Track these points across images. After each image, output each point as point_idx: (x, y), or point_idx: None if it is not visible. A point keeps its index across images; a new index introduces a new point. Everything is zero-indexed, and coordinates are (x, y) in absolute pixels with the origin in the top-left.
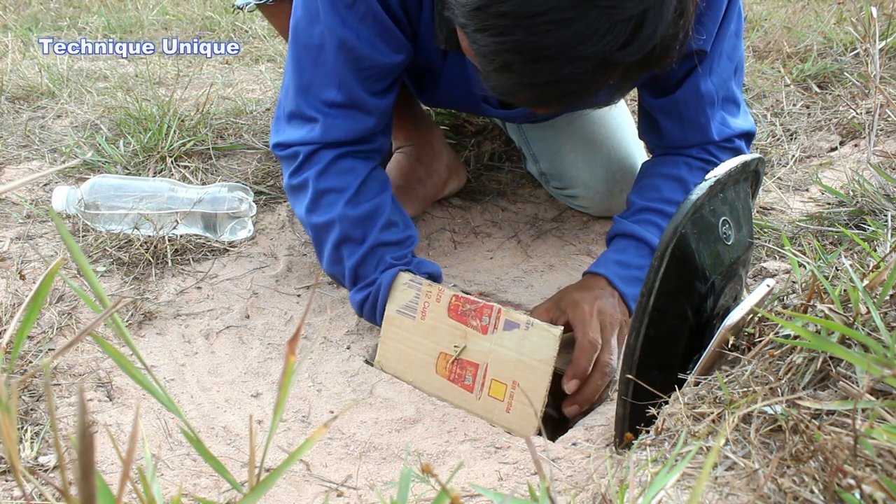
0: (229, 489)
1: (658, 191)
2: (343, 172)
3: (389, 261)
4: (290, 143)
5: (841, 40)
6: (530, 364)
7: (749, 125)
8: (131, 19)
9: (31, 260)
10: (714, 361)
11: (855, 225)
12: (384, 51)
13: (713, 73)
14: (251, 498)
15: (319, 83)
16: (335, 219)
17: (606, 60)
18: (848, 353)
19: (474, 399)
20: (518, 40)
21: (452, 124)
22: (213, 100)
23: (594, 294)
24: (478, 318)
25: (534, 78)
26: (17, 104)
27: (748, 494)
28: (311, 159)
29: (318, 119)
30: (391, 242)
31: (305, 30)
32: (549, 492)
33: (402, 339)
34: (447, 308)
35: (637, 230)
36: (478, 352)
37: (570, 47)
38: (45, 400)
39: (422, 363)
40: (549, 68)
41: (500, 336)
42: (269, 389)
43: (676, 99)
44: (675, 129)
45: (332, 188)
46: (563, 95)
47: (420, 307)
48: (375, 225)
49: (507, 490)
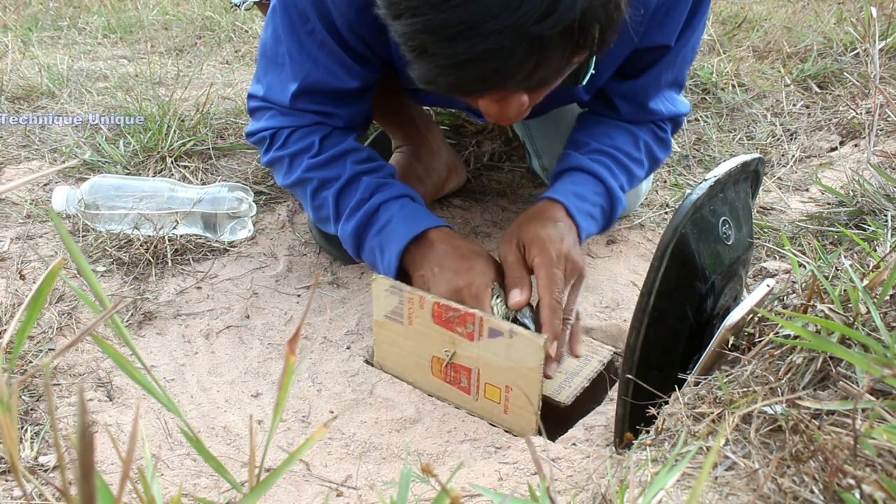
0: (229, 489)
1: (612, 139)
2: (304, 136)
3: (368, 181)
4: (256, 130)
5: (841, 40)
6: (520, 371)
7: (686, 107)
8: (131, 19)
9: (31, 260)
10: (714, 361)
11: (855, 225)
12: (342, 77)
13: (675, 64)
14: (251, 498)
15: (282, 90)
16: (306, 169)
17: (524, 34)
18: (848, 353)
19: (472, 400)
20: (429, 20)
21: (452, 124)
22: (213, 100)
23: (559, 232)
24: (462, 325)
25: (451, 58)
26: (17, 104)
27: (748, 494)
28: (275, 138)
29: (282, 114)
30: (367, 171)
31: (272, 48)
32: (549, 492)
33: (394, 343)
34: (431, 314)
35: (595, 168)
36: (468, 357)
37: (483, 21)
38: (45, 400)
39: (417, 365)
40: (463, 46)
41: (487, 343)
42: (269, 389)
43: (637, 85)
44: (631, 111)
45: (297, 151)
46: (484, 75)
47: (406, 312)
48: (346, 161)
49: (507, 490)
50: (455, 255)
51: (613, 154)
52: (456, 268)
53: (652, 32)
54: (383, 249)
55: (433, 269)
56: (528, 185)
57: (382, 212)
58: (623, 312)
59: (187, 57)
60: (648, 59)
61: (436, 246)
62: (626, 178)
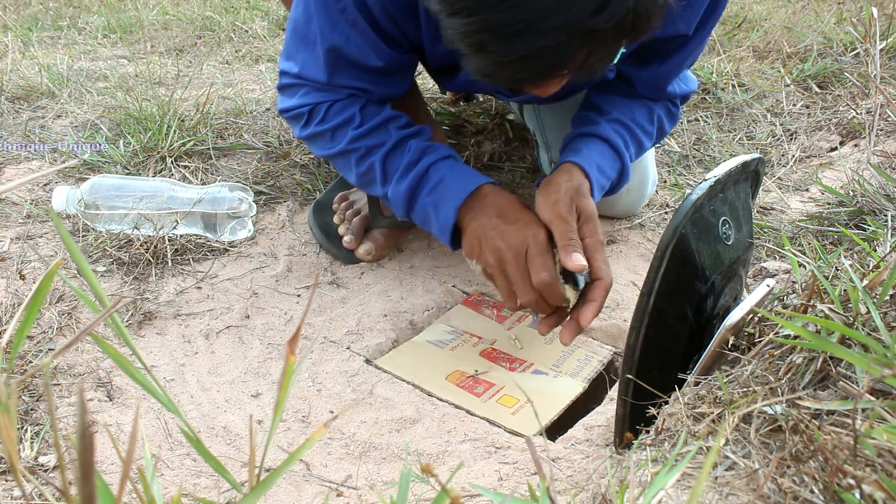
0: (229, 489)
1: (631, 111)
2: (343, 109)
3: (416, 144)
4: (292, 107)
5: (841, 40)
6: (549, 394)
7: (695, 83)
8: (131, 19)
9: (31, 260)
10: (714, 361)
11: (855, 225)
12: (371, 56)
13: (695, 51)
14: (251, 498)
15: (318, 67)
16: (350, 140)
17: (579, 29)
18: (848, 353)
19: (479, 402)
20: (486, 19)
21: (452, 124)
22: (213, 100)
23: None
24: (508, 363)
25: (508, 55)
26: (17, 104)
27: (748, 494)
28: (314, 113)
29: (316, 90)
30: (412, 135)
31: (304, 25)
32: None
33: (416, 356)
34: (479, 352)
35: (618, 143)
36: (499, 378)
37: (539, 20)
38: (45, 400)
39: (434, 373)
40: (521, 44)
41: (527, 377)
42: (269, 389)
43: (658, 73)
44: (649, 92)
45: (339, 123)
46: (541, 70)
47: (452, 345)
48: (389, 128)
49: (507, 490)
50: (512, 208)
51: (631, 127)
52: (514, 219)
53: (674, 22)
54: (437, 207)
55: (492, 220)
56: (528, 184)
57: (433, 172)
58: (623, 312)
59: (187, 57)
60: (667, 47)
61: (490, 199)
62: (636, 150)
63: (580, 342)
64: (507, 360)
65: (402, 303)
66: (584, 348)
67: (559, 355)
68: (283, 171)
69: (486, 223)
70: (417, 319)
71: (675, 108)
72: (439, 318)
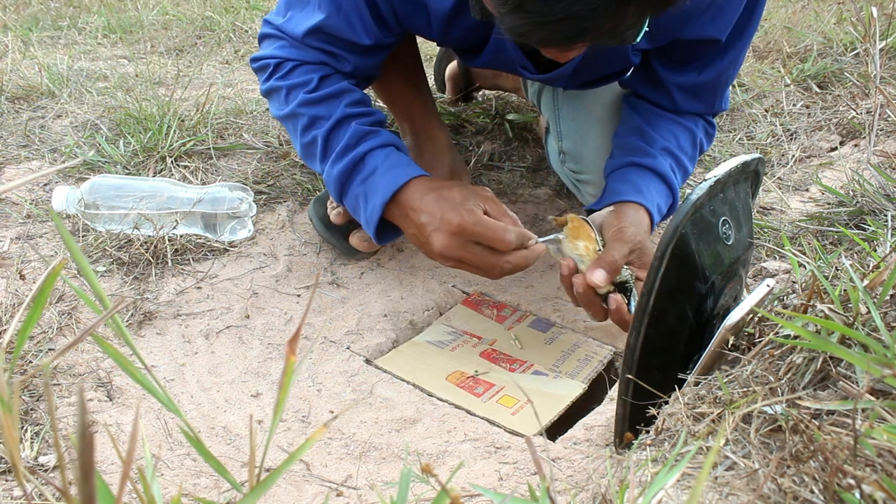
0: (229, 489)
1: (676, 138)
2: (306, 72)
3: (356, 127)
4: (262, 56)
5: (841, 40)
6: (549, 395)
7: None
8: (131, 19)
9: (31, 260)
10: (714, 361)
11: (855, 225)
12: (358, 31)
13: (736, 64)
14: (251, 498)
15: (298, 24)
16: (300, 104)
17: None
18: (848, 353)
19: (479, 402)
20: None
21: (452, 124)
22: (213, 100)
23: (650, 250)
24: (508, 364)
25: (546, 16)
26: (17, 104)
27: (748, 494)
28: (278, 68)
29: (291, 46)
30: (357, 115)
31: None
32: (549, 492)
33: (414, 356)
34: (479, 353)
35: (672, 180)
36: (499, 378)
37: None
38: (45, 400)
39: (433, 373)
40: (560, 6)
41: (527, 377)
42: (269, 389)
43: (700, 82)
44: (688, 103)
45: (296, 84)
46: (576, 33)
47: (452, 346)
48: (340, 102)
49: (507, 490)
50: (438, 202)
51: (679, 156)
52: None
53: (705, 25)
54: (367, 198)
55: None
56: (528, 184)
57: (368, 160)
58: None
59: (187, 57)
60: (700, 51)
61: (416, 196)
62: (682, 178)
63: (580, 342)
64: (507, 360)
65: (402, 303)
66: (583, 348)
67: (559, 356)
68: (283, 171)
69: (418, 233)
70: (417, 319)
71: (712, 129)
72: (439, 318)
